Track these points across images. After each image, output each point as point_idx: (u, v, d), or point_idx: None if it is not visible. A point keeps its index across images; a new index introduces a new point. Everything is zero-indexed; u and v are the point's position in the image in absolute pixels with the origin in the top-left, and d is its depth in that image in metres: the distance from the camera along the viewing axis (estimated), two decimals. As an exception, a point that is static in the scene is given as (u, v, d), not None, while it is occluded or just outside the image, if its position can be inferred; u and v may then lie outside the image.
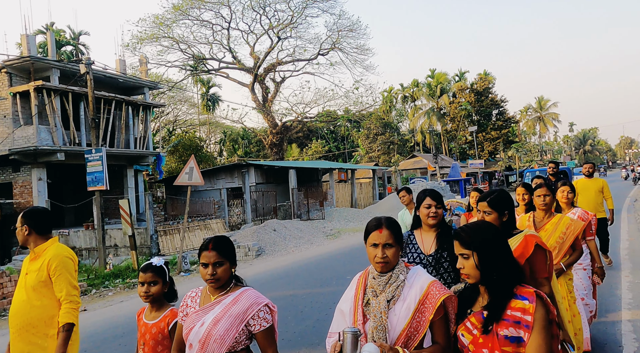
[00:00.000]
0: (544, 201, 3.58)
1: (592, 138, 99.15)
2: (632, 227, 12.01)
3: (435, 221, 2.92)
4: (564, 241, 3.45)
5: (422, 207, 2.96)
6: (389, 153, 49.63)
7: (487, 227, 1.87)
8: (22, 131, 15.77)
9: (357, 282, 2.06)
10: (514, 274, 1.80)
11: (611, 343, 4.35)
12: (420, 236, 3.02)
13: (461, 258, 1.83)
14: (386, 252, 1.92)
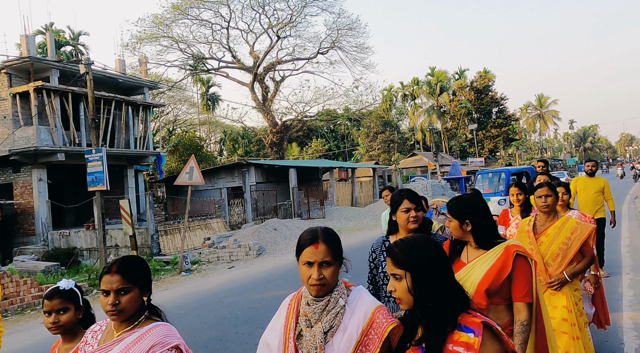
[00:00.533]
0: (545, 202, 3.22)
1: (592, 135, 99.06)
2: (632, 225, 12.01)
3: (416, 225, 2.61)
4: (569, 247, 3.09)
5: (399, 211, 2.63)
6: (389, 152, 49.61)
7: (425, 243, 1.54)
8: (22, 131, 15.77)
9: (287, 308, 1.71)
10: (456, 300, 1.48)
11: (612, 340, 4.35)
12: None
13: (392, 279, 1.53)
14: (323, 272, 1.59)
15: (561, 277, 3.07)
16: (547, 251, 3.13)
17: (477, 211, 2.27)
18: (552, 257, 3.11)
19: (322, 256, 1.60)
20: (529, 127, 72.92)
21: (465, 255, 2.32)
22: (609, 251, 8.61)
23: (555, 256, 3.10)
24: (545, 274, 3.10)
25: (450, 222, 2.31)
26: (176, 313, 7.00)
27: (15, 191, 16.37)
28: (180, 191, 21.13)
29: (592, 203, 6.75)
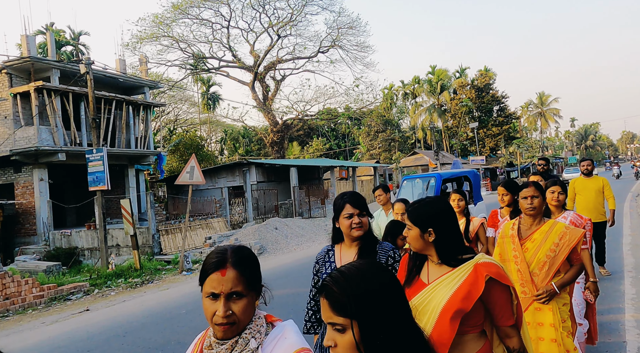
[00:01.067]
0: (532, 203, 2.87)
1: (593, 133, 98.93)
2: (634, 222, 11.99)
3: (360, 232, 2.32)
4: (557, 254, 2.75)
5: (341, 217, 2.33)
6: (390, 150, 49.58)
7: (375, 273, 1.12)
8: (23, 131, 15.78)
9: (191, 350, 1.37)
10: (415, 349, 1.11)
11: (615, 338, 4.34)
12: (339, 253, 2.42)
13: (331, 330, 1.10)
14: (232, 307, 1.23)
15: (549, 288, 2.73)
16: (534, 259, 2.80)
17: (443, 218, 1.85)
18: (539, 266, 2.78)
19: (230, 285, 1.23)
20: (530, 125, 72.83)
21: (425, 272, 1.89)
22: (610, 249, 8.60)
23: (542, 265, 2.77)
24: (531, 285, 2.78)
25: (410, 230, 1.88)
26: (177, 312, 7.00)
27: (16, 191, 16.39)
28: (181, 191, 21.14)
29: (594, 204, 6.35)
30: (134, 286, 10.00)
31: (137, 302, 8.26)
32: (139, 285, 10.11)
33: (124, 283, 10.21)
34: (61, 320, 7.37)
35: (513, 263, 2.86)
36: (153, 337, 5.78)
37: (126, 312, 7.48)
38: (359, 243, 2.37)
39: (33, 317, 7.89)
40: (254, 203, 20.81)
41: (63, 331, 6.58)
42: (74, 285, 9.61)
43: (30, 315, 8.05)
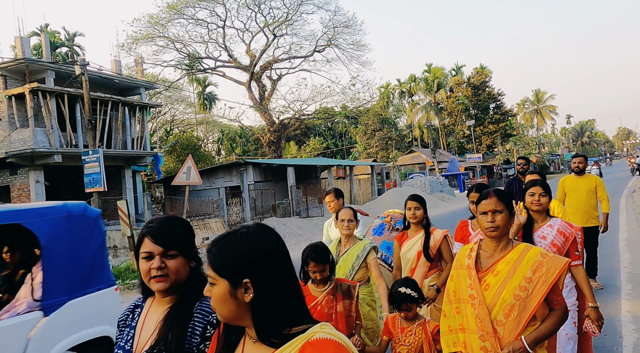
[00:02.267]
0: (493, 221, 2.06)
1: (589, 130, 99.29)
2: (630, 218, 12.04)
3: (165, 285, 1.53)
4: (530, 294, 1.96)
5: (141, 260, 1.58)
6: (387, 149, 49.63)
7: None
8: (19, 133, 15.72)
9: None
10: None
11: (611, 334, 4.36)
12: (146, 311, 1.63)
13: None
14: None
15: (518, 347, 1.93)
16: (497, 300, 2.01)
17: (269, 262, 1.18)
18: (505, 311, 1.99)
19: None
20: (526, 122, 73.03)
21: None
22: (605, 245, 8.64)
23: (510, 310, 1.97)
24: (493, 339, 1.98)
25: (214, 285, 1.17)
26: (175, 313, 6.98)
27: (12, 194, 16.32)
28: (178, 191, 21.10)
29: (585, 206, 5.69)
30: (131, 287, 9.98)
31: (135, 303, 8.24)
32: (137, 286, 10.08)
33: (122, 285, 10.19)
34: (58, 322, 7.34)
35: (470, 305, 2.07)
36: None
37: (124, 314, 7.46)
38: (170, 299, 1.57)
39: (30, 320, 7.84)
40: (252, 203, 20.79)
41: (60, 333, 6.55)
42: (71, 287, 9.55)
43: (28, 318, 8.01)
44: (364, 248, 3.35)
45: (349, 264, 3.33)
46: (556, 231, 2.90)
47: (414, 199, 3.51)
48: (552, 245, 2.86)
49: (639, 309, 4.93)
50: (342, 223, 3.41)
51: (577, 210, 5.67)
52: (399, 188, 27.90)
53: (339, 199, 4.30)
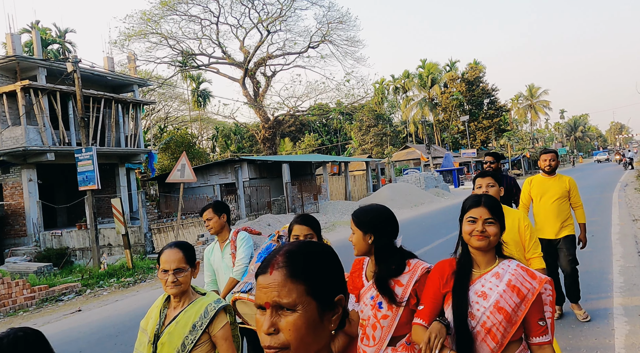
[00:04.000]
0: None
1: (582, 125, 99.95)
2: (622, 212, 12.15)
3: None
4: None
5: None
6: (382, 145, 49.69)
7: None
8: (10, 131, 15.58)
9: None
10: None
11: (603, 326, 4.40)
12: None
13: None
14: None
15: None
16: None
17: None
18: None
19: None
20: (520, 117, 73.37)
21: None
22: (598, 239, 8.72)
23: None
24: None
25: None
26: (170, 310, 6.99)
27: (5, 192, 16.20)
28: (172, 189, 21.03)
29: (556, 213, 4.61)
30: (126, 285, 9.95)
31: (130, 302, 8.22)
32: (132, 284, 10.06)
33: (117, 283, 10.16)
34: (53, 321, 7.32)
35: None
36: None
37: (119, 312, 7.45)
38: None
39: (24, 319, 7.82)
40: (247, 199, 20.76)
41: (55, 332, 6.53)
42: (65, 286, 9.54)
43: (22, 317, 7.99)
44: (205, 311, 2.05)
45: (177, 340, 2.01)
46: (505, 285, 1.78)
47: (303, 223, 2.63)
48: (497, 309, 1.76)
49: (630, 301, 4.99)
50: (164, 276, 2.06)
51: (547, 218, 4.64)
52: (394, 184, 27.96)
53: (221, 216, 3.30)
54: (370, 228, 2.01)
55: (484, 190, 2.95)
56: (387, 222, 2.04)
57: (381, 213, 2.06)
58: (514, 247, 2.83)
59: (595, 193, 18.36)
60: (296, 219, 2.60)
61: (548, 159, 4.65)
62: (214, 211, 3.30)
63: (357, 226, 2.06)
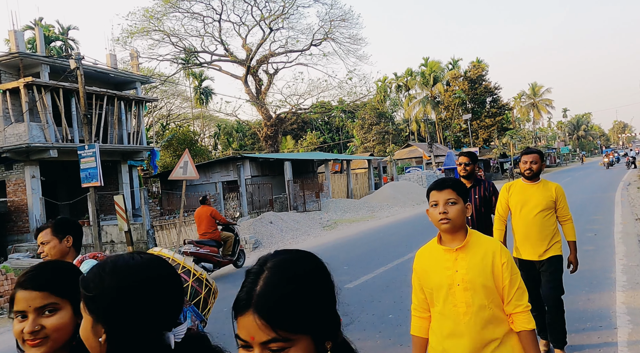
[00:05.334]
0: None
1: (585, 123, 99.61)
2: (625, 211, 12.12)
3: None
4: None
5: None
6: (384, 143, 49.64)
7: None
8: (13, 128, 15.62)
9: None
10: None
11: (606, 325, 4.40)
12: None
13: None
14: None
15: None
16: None
17: None
18: None
19: None
20: (522, 116, 73.17)
21: None
22: (601, 238, 8.71)
23: None
24: None
25: None
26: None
27: (8, 189, 16.25)
28: (175, 186, 21.07)
29: (538, 229, 3.66)
30: (129, 282, 9.98)
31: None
32: (134, 280, 10.08)
33: (119, 279, 10.18)
34: (56, 317, 7.34)
35: None
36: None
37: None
38: None
39: (28, 315, 7.84)
40: (249, 197, 20.78)
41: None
42: (68, 282, 9.56)
43: (25, 313, 8.01)
44: None
45: None
46: None
47: None
48: None
49: (633, 300, 4.98)
50: None
51: (528, 235, 3.70)
52: (396, 182, 27.95)
53: (64, 240, 2.34)
54: None
55: (441, 210, 1.93)
56: None
57: None
58: (484, 296, 1.91)
59: (597, 192, 18.33)
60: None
61: (529, 162, 3.70)
62: (54, 232, 2.33)
63: None
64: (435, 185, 1.99)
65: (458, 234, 1.96)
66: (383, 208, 21.51)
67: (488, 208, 4.12)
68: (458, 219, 1.92)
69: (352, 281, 7.08)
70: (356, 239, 12.32)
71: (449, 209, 1.92)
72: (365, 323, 5.09)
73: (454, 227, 1.93)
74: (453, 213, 1.91)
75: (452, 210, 1.91)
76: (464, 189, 2.00)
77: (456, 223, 1.92)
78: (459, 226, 1.94)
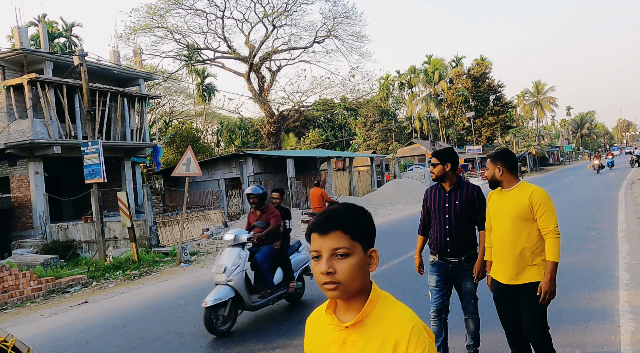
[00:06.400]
0: None
1: (589, 122, 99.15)
2: (629, 209, 12.07)
3: None
4: None
5: None
6: (386, 141, 49.57)
7: None
8: (17, 124, 15.67)
9: None
10: None
11: (609, 323, 4.39)
12: None
13: None
14: None
15: None
16: None
17: None
18: None
19: None
20: (526, 114, 72.87)
21: None
22: (604, 237, 8.68)
23: None
24: None
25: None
26: (176, 303, 7.03)
27: (12, 185, 16.32)
28: (177, 183, 21.12)
29: (509, 245, 3.00)
30: (132, 278, 10.02)
31: (136, 294, 8.28)
32: (137, 277, 10.12)
33: (122, 276, 10.23)
34: (60, 312, 7.39)
35: None
36: (152, 328, 5.81)
37: (125, 304, 7.50)
38: None
39: (31, 310, 7.90)
40: (251, 194, 20.81)
41: (62, 323, 6.59)
42: (71, 278, 9.62)
43: (29, 308, 8.07)
44: None
45: None
46: None
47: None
48: None
49: (636, 299, 4.97)
50: None
51: (498, 251, 3.11)
52: (399, 180, 27.92)
53: None
54: None
55: (324, 268, 1.18)
56: None
57: None
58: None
59: (601, 191, 18.26)
60: None
61: (494, 166, 3.11)
62: None
63: None
64: (316, 225, 1.22)
65: (354, 302, 1.21)
66: (385, 206, 21.50)
67: (471, 218, 3.52)
68: (352, 281, 1.17)
69: (354, 279, 7.07)
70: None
71: (336, 266, 1.17)
72: (367, 320, 5.08)
73: (346, 293, 1.18)
74: (344, 273, 1.16)
75: (342, 267, 1.16)
76: (364, 225, 1.23)
77: (349, 286, 1.17)
78: (356, 291, 1.19)
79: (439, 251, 3.56)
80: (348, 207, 1.27)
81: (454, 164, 3.51)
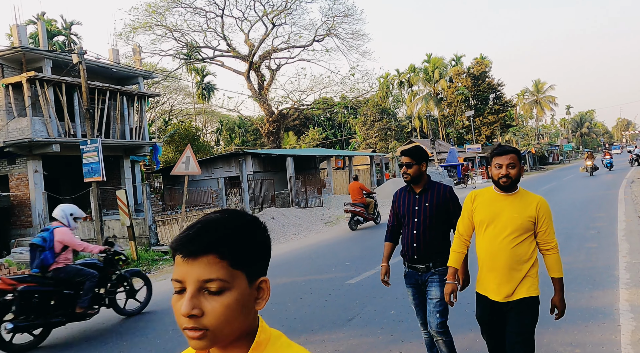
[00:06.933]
0: None
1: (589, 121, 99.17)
2: (629, 208, 12.07)
3: None
4: None
5: None
6: (386, 139, 49.55)
7: None
8: (16, 122, 15.64)
9: None
10: None
11: (609, 322, 4.39)
12: None
13: None
14: None
15: None
16: None
17: None
18: None
19: None
20: (526, 113, 72.89)
21: None
22: (604, 235, 8.67)
23: None
24: None
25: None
26: (175, 302, 7.03)
27: (10, 183, 16.29)
28: (177, 182, 21.10)
29: (506, 259, 2.65)
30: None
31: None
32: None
33: (121, 274, 10.20)
34: (59, 311, 7.38)
35: None
36: (153, 326, 5.81)
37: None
38: None
39: (30, 308, 7.88)
40: (251, 193, 20.79)
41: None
42: (71, 276, 9.59)
43: (28, 307, 8.05)
44: None
45: None
46: None
47: None
48: None
49: (636, 298, 4.96)
50: None
51: (492, 267, 2.72)
52: (398, 179, 27.91)
53: None
54: None
55: (187, 324, 0.85)
56: None
57: None
58: None
59: (601, 190, 18.26)
60: None
61: (504, 166, 2.63)
62: None
63: None
64: (181, 242, 0.97)
65: (232, 349, 0.88)
66: (385, 205, 21.48)
67: (444, 220, 3.23)
68: (227, 326, 0.84)
69: (354, 277, 7.08)
70: (358, 235, 12.32)
71: (205, 305, 0.84)
72: (366, 319, 5.08)
73: (217, 342, 0.85)
74: (215, 316, 0.84)
75: (214, 308, 0.84)
76: (253, 246, 0.89)
77: (222, 333, 0.84)
78: (233, 338, 0.86)
79: (408, 259, 3.31)
80: (230, 218, 0.87)
81: (427, 163, 3.28)
